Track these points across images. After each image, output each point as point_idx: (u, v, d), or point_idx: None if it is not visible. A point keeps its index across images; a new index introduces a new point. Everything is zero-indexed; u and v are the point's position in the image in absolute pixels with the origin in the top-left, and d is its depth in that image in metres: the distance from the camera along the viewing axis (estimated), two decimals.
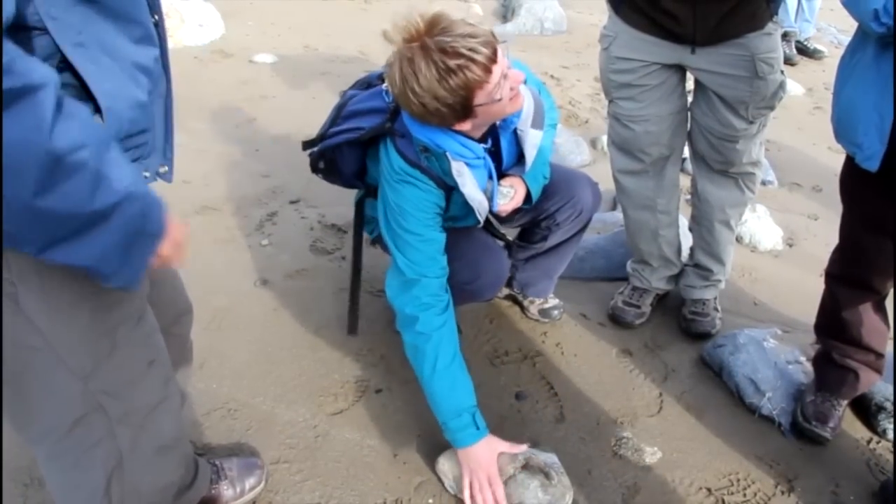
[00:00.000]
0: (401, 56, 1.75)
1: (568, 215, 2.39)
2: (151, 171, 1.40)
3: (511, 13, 6.41)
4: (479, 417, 2.03)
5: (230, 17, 5.57)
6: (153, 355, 1.49)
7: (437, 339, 2.02)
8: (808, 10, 6.04)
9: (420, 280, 2.04)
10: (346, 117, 2.17)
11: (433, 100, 1.75)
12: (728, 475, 2.20)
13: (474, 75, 1.72)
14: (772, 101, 2.37)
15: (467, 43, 1.70)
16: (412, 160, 2.00)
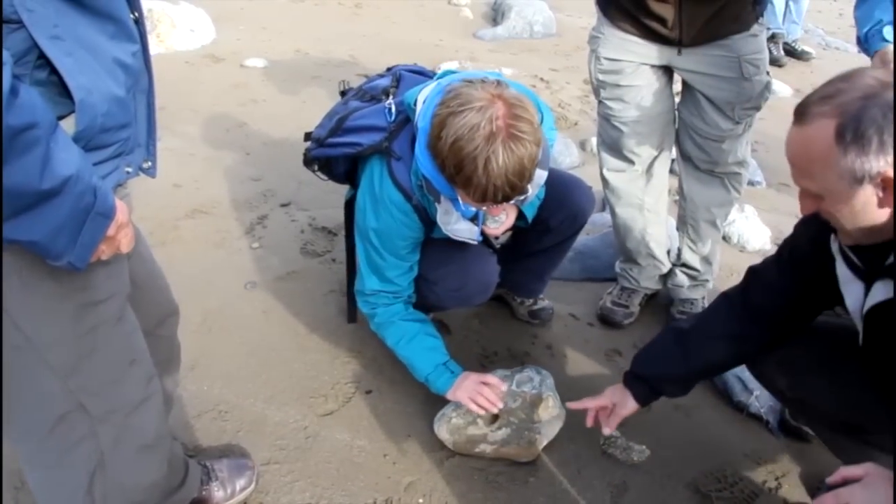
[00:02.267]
0: (481, 114, 1.72)
1: (561, 220, 2.39)
2: (134, 165, 1.40)
3: (501, 16, 6.44)
4: (453, 364, 2.20)
5: (221, 22, 5.58)
6: (134, 354, 1.50)
7: (398, 324, 2.22)
8: (795, 11, 6.08)
9: (376, 294, 2.22)
10: (346, 130, 2.19)
11: (443, 147, 1.76)
12: (716, 473, 2.21)
13: (469, 187, 1.78)
14: (757, 101, 2.39)
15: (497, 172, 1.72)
16: (402, 186, 2.03)
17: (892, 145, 1.25)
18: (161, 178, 1.56)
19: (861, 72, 1.33)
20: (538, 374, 2.29)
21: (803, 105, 1.35)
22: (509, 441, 2.16)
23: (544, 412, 2.20)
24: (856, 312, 1.54)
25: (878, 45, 1.87)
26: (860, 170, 1.28)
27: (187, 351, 2.33)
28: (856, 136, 1.26)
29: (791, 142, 1.39)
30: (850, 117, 1.26)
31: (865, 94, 1.27)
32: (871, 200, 1.31)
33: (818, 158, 1.31)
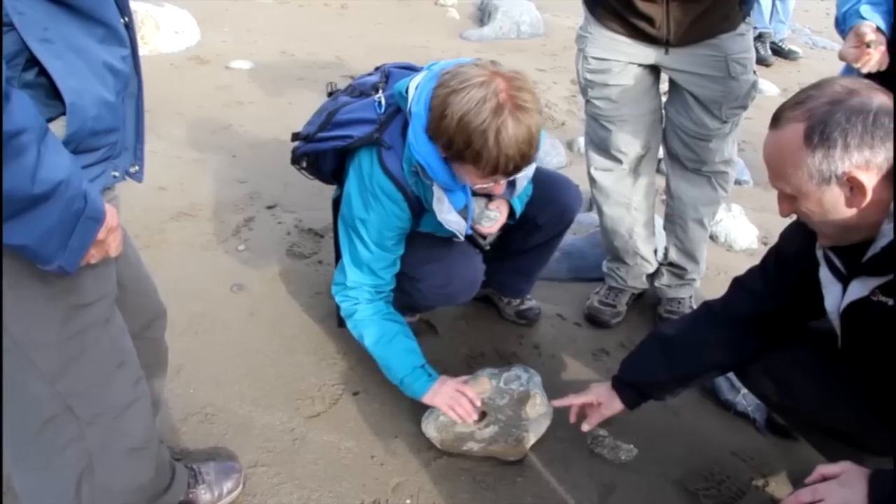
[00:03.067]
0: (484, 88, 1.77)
1: (549, 218, 2.40)
2: (121, 169, 1.41)
3: (488, 17, 6.44)
4: (430, 368, 2.20)
5: (206, 24, 5.56)
6: (122, 357, 1.50)
7: (378, 322, 2.20)
8: (782, 11, 6.11)
9: (359, 287, 2.20)
10: (336, 124, 2.19)
11: (449, 125, 1.80)
12: (703, 471, 2.21)
13: (480, 161, 1.82)
14: (744, 100, 2.40)
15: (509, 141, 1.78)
16: (394, 175, 2.04)
17: (856, 147, 1.33)
18: (146, 180, 1.56)
19: (830, 80, 1.42)
20: (526, 373, 2.29)
21: (778, 111, 1.44)
22: (497, 439, 2.16)
23: (532, 410, 2.20)
24: (833, 313, 1.59)
25: (854, 21, 1.89)
26: (827, 170, 1.36)
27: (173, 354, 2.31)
28: (822, 138, 1.34)
29: (766, 145, 1.48)
30: (817, 120, 1.35)
31: (832, 99, 1.35)
32: (840, 200, 1.39)
33: (789, 159, 1.40)
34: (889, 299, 1.43)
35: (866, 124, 1.32)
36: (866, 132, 1.32)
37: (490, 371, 2.30)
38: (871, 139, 1.32)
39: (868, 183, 1.34)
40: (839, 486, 1.37)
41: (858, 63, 1.85)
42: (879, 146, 1.33)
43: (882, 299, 1.45)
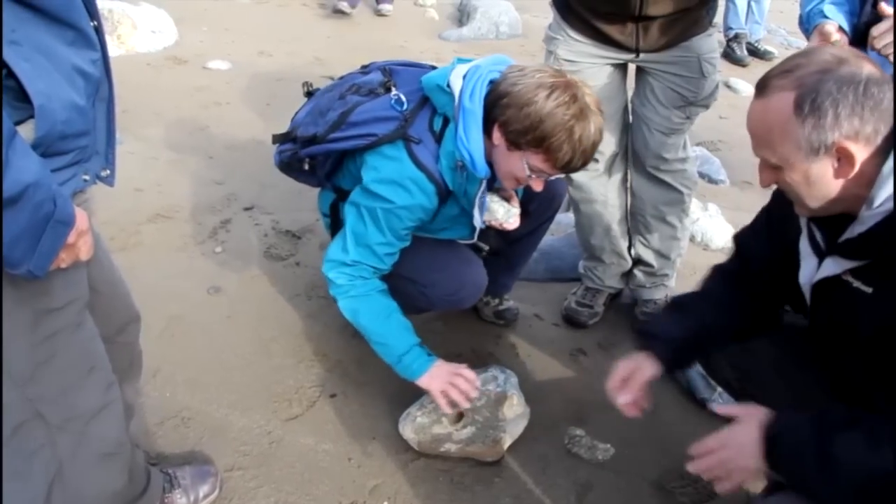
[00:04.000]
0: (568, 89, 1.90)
1: (538, 205, 2.42)
2: (92, 174, 1.40)
3: (466, 17, 6.43)
4: (426, 348, 2.19)
5: (183, 23, 5.52)
6: (93, 362, 1.49)
7: (373, 297, 2.17)
8: (757, 12, 6.16)
9: (359, 264, 2.16)
10: (352, 124, 2.16)
11: (538, 112, 1.89)
12: (679, 470, 2.21)
13: (559, 153, 1.92)
14: (709, 99, 2.46)
15: (587, 141, 1.92)
16: (427, 168, 2.05)
17: (847, 118, 1.30)
18: (122, 182, 1.55)
19: (819, 48, 1.39)
20: (502, 374, 2.30)
21: (764, 79, 1.40)
22: (474, 440, 2.16)
23: (509, 410, 2.21)
24: (805, 286, 1.58)
25: (817, 20, 1.91)
26: (816, 140, 1.32)
27: (149, 357, 2.30)
28: (812, 108, 1.31)
29: (752, 113, 1.43)
30: (807, 89, 1.31)
31: (822, 68, 1.32)
32: (827, 171, 1.36)
33: (777, 128, 1.36)
34: (861, 284, 1.42)
35: (857, 94, 1.29)
36: (857, 102, 1.29)
37: None
38: (861, 109, 1.30)
39: (857, 153, 1.32)
40: (736, 424, 1.49)
41: None
42: (869, 116, 1.30)
43: (856, 283, 1.43)
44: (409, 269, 2.23)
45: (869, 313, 1.40)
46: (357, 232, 2.13)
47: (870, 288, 1.40)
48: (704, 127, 4.39)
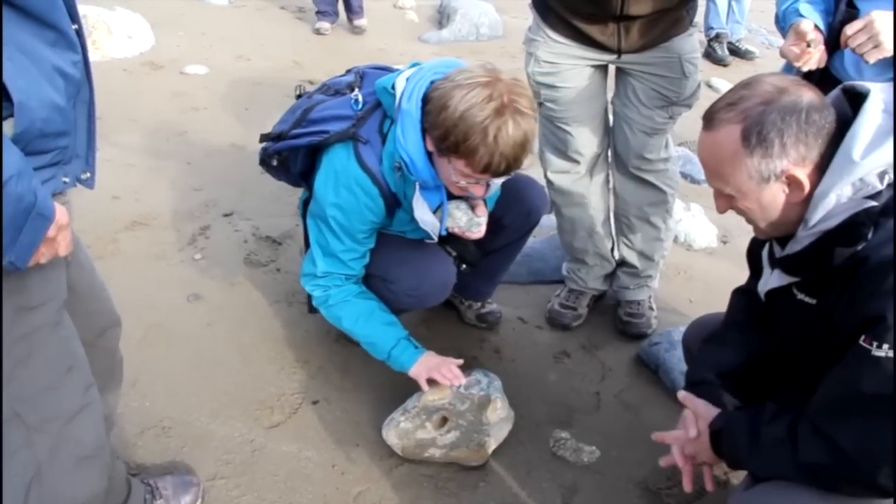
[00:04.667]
0: (489, 88, 1.82)
1: (514, 219, 2.42)
2: (72, 176, 1.40)
3: (447, 19, 6.43)
4: (414, 340, 2.23)
5: (160, 28, 5.47)
6: (71, 362, 1.48)
7: (353, 301, 2.22)
8: (738, 12, 6.20)
9: (330, 274, 2.21)
10: (311, 121, 2.21)
11: (451, 115, 1.83)
12: (665, 470, 2.20)
13: (475, 157, 1.85)
14: (691, 99, 2.46)
15: (504, 142, 1.82)
16: (370, 169, 2.05)
17: (793, 145, 1.36)
18: (99, 189, 1.54)
19: (760, 79, 1.44)
20: (486, 377, 2.29)
21: (711, 112, 1.46)
22: (458, 444, 2.15)
23: (493, 414, 2.20)
24: (761, 293, 1.66)
25: (793, 19, 1.92)
26: (766, 170, 1.39)
27: (129, 366, 2.27)
28: (759, 139, 1.37)
29: (702, 146, 1.50)
30: (752, 122, 1.38)
31: (765, 99, 1.38)
32: (779, 196, 1.43)
33: (727, 161, 1.42)
34: (805, 296, 1.50)
35: (800, 122, 1.35)
36: (800, 130, 1.35)
37: None
38: (805, 136, 1.36)
39: (805, 179, 1.38)
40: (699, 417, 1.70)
41: (799, 62, 1.89)
42: (813, 142, 1.37)
43: (800, 296, 1.51)
44: (377, 267, 2.26)
45: (812, 324, 1.48)
46: (320, 243, 2.19)
47: (813, 300, 1.48)
48: (686, 127, 4.38)
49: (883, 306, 1.28)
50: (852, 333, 1.33)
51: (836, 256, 1.36)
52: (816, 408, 1.43)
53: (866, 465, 1.33)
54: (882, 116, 1.35)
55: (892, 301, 1.27)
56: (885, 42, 1.73)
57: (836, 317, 1.39)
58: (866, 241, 1.33)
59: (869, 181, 1.33)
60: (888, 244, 1.30)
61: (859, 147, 1.33)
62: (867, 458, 1.32)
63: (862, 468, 1.33)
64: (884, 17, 1.73)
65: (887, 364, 1.28)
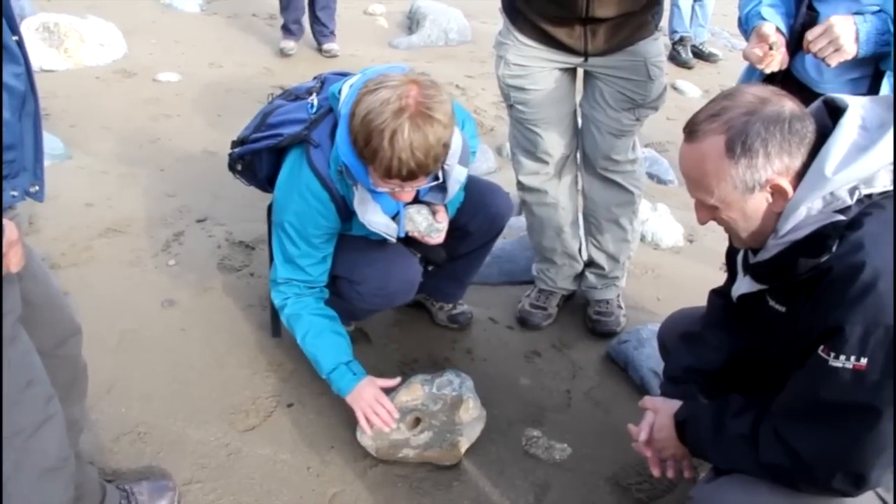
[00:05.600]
0: (393, 90, 1.82)
1: (480, 225, 2.45)
2: (20, 189, 1.40)
3: (416, 24, 6.46)
4: (356, 366, 2.22)
5: (132, 36, 5.46)
6: (30, 375, 1.48)
7: (306, 317, 2.23)
8: (701, 15, 6.28)
9: (290, 281, 2.24)
10: (269, 126, 2.25)
11: (355, 121, 1.84)
12: (636, 466, 2.26)
13: (375, 161, 1.85)
14: (657, 102, 2.50)
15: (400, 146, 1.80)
16: (320, 173, 2.07)
17: (777, 155, 1.38)
18: (73, 197, 1.55)
19: (741, 90, 1.46)
20: (458, 377, 2.32)
21: (693, 123, 1.46)
22: (432, 444, 2.19)
23: (465, 414, 2.24)
24: (734, 297, 1.69)
25: (755, 22, 1.97)
26: (751, 179, 1.40)
27: (103, 373, 2.30)
28: (744, 149, 1.38)
29: (685, 158, 1.50)
30: (736, 132, 1.39)
31: (748, 110, 1.39)
32: (762, 205, 1.44)
33: (712, 172, 1.43)
34: (776, 303, 1.53)
35: (783, 132, 1.37)
36: (784, 140, 1.37)
37: (422, 377, 2.33)
38: (788, 146, 1.38)
39: (788, 187, 1.40)
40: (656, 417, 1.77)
41: (762, 64, 1.94)
42: (796, 151, 1.39)
43: (771, 302, 1.54)
44: (342, 268, 2.28)
45: (781, 330, 1.51)
46: (279, 249, 2.22)
47: (783, 308, 1.51)
48: (652, 128, 4.46)
49: (841, 318, 1.31)
50: (813, 342, 1.37)
51: (800, 266, 1.39)
52: (778, 412, 1.48)
53: (822, 470, 1.38)
54: (858, 132, 1.38)
55: (851, 313, 1.30)
56: (844, 45, 1.77)
57: (800, 325, 1.42)
58: (830, 253, 1.35)
59: (839, 196, 1.36)
60: (850, 256, 1.32)
61: (832, 163, 1.35)
62: (822, 463, 1.38)
63: (818, 472, 1.39)
64: (842, 22, 1.78)
65: (844, 374, 1.32)
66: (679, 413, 1.70)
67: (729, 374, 1.85)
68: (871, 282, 1.28)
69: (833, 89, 1.89)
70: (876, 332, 1.28)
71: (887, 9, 1.76)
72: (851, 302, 1.30)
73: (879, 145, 1.35)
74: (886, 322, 1.28)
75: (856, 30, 1.76)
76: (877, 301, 1.28)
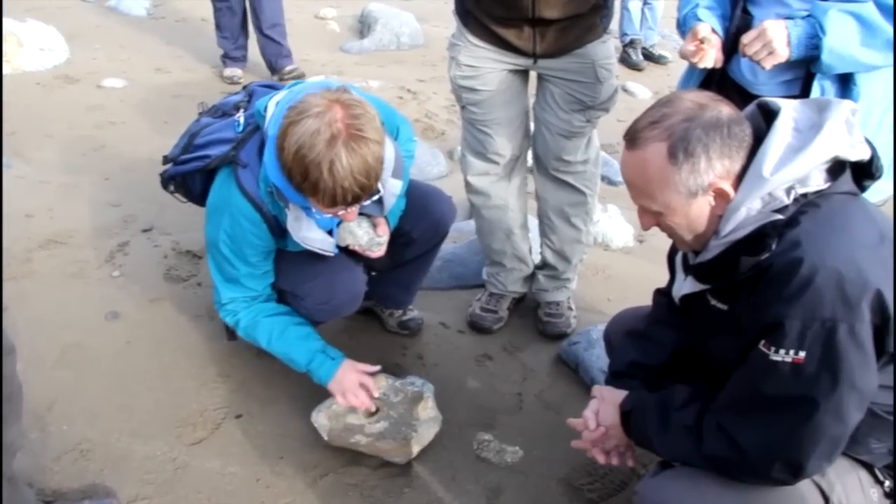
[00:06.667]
0: (319, 119, 1.76)
1: (423, 231, 2.44)
2: None
3: (367, 29, 6.44)
4: (332, 350, 2.23)
5: (75, 40, 5.36)
6: None
7: (264, 322, 2.21)
8: (650, 18, 6.38)
9: (234, 300, 2.22)
10: (197, 146, 2.20)
11: (294, 156, 1.78)
12: (587, 466, 2.26)
13: (318, 194, 1.81)
14: (608, 104, 2.52)
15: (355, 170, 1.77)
16: (250, 194, 2.03)
17: (718, 159, 1.41)
18: (11, 208, 1.51)
19: (679, 96, 1.48)
20: (420, 380, 2.35)
21: (633, 131, 1.48)
22: (385, 435, 2.18)
23: (423, 412, 2.24)
24: (675, 298, 1.72)
25: (692, 22, 2.01)
26: (694, 184, 1.42)
27: (44, 390, 2.24)
28: (686, 155, 1.40)
29: (627, 165, 1.51)
30: (677, 138, 1.40)
31: (687, 116, 1.41)
32: (705, 209, 1.47)
33: (655, 178, 1.45)
34: (718, 302, 1.55)
35: (723, 136, 1.40)
36: (724, 144, 1.40)
37: (388, 375, 2.34)
38: (728, 150, 1.41)
39: (730, 189, 1.42)
40: (600, 406, 1.79)
41: (695, 59, 1.97)
42: (736, 155, 1.42)
43: (713, 301, 1.56)
44: (286, 283, 2.26)
45: (724, 328, 1.53)
46: (217, 271, 2.20)
47: (725, 306, 1.54)
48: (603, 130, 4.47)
49: (781, 313, 1.34)
50: (754, 337, 1.40)
51: (741, 265, 1.41)
52: (720, 404, 1.50)
53: (761, 460, 1.41)
54: (791, 134, 1.41)
55: (790, 308, 1.33)
56: (777, 49, 1.81)
57: (742, 321, 1.45)
58: (770, 251, 1.38)
59: (777, 196, 1.39)
60: (788, 253, 1.35)
61: (769, 164, 1.38)
62: (762, 454, 1.41)
63: (758, 463, 1.42)
64: (775, 26, 1.81)
65: (783, 368, 1.35)
66: (625, 403, 1.71)
67: (673, 369, 1.87)
68: (809, 277, 1.31)
69: (768, 91, 1.94)
70: (813, 327, 1.32)
71: (816, 14, 1.80)
72: (790, 297, 1.33)
73: (812, 146, 1.38)
74: (823, 316, 1.31)
75: (787, 34, 1.80)
76: (814, 296, 1.31)
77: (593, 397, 1.84)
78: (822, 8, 1.79)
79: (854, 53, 1.79)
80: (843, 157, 1.41)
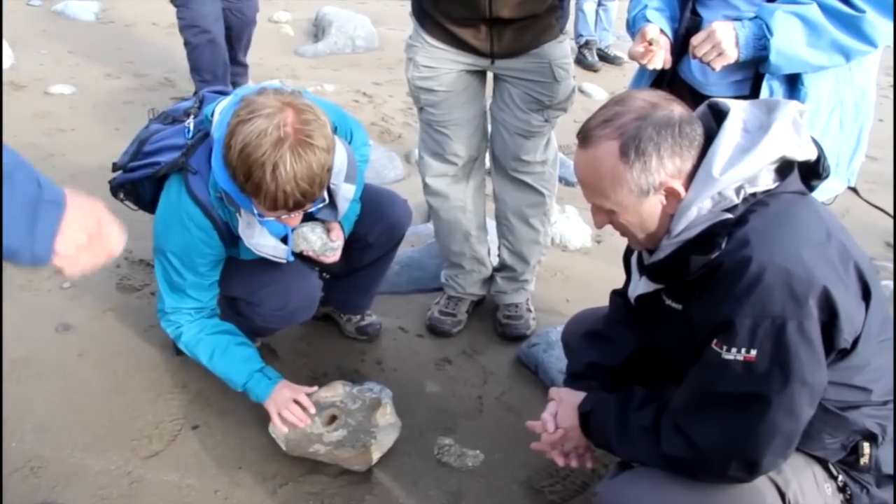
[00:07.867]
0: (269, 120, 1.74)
1: (379, 234, 2.43)
2: None
3: (322, 32, 6.41)
4: (270, 371, 2.21)
5: (20, 46, 5.24)
6: None
7: (206, 339, 2.20)
8: (605, 19, 6.45)
9: (178, 310, 2.19)
10: (146, 153, 2.17)
11: (230, 155, 1.77)
12: (548, 468, 2.26)
13: (259, 195, 1.79)
14: (565, 103, 2.55)
15: (298, 176, 1.74)
16: (200, 201, 2.01)
17: (669, 158, 1.42)
18: None
19: (631, 95, 1.49)
20: (378, 386, 2.33)
21: (586, 129, 1.48)
22: (344, 443, 2.16)
23: (381, 418, 2.22)
24: (630, 298, 1.73)
25: (641, 24, 2.03)
26: (645, 183, 1.44)
27: None
28: (637, 153, 1.41)
29: (580, 164, 1.52)
30: (629, 136, 1.42)
31: (639, 115, 1.42)
32: (657, 208, 1.48)
33: (608, 177, 1.46)
34: (673, 302, 1.57)
35: (674, 135, 1.41)
36: (675, 143, 1.42)
37: (344, 383, 2.31)
38: (679, 149, 1.42)
39: (681, 189, 1.44)
40: (559, 407, 1.80)
41: (644, 60, 1.99)
42: (687, 154, 1.43)
43: (668, 301, 1.58)
44: (241, 290, 2.24)
45: (679, 327, 1.54)
46: (164, 279, 2.17)
47: (679, 305, 1.55)
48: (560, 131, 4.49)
49: (731, 311, 1.35)
50: (707, 337, 1.41)
51: (692, 264, 1.42)
52: (676, 404, 1.52)
53: (718, 459, 1.43)
54: (741, 135, 1.43)
55: (740, 306, 1.34)
56: (726, 50, 1.83)
57: (695, 321, 1.46)
58: (720, 250, 1.39)
59: (727, 195, 1.41)
60: (738, 251, 1.37)
61: (719, 164, 1.40)
62: (718, 453, 1.42)
63: (714, 461, 1.43)
64: (723, 28, 1.84)
65: (736, 366, 1.36)
66: (583, 404, 1.72)
67: (630, 369, 1.89)
68: (758, 275, 1.33)
69: (718, 91, 1.97)
70: (763, 324, 1.33)
71: (763, 15, 1.82)
72: (740, 296, 1.34)
73: (760, 146, 1.40)
74: (772, 313, 1.32)
75: (735, 35, 1.83)
76: (763, 294, 1.32)
77: (551, 399, 1.84)
78: (769, 10, 1.82)
79: (800, 54, 1.82)
80: (791, 156, 1.44)
